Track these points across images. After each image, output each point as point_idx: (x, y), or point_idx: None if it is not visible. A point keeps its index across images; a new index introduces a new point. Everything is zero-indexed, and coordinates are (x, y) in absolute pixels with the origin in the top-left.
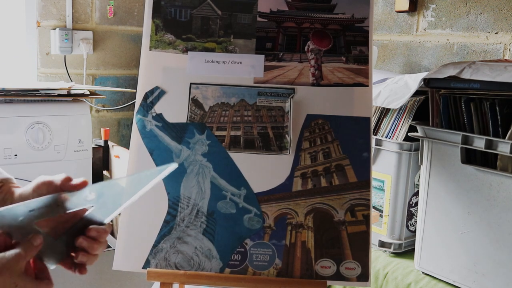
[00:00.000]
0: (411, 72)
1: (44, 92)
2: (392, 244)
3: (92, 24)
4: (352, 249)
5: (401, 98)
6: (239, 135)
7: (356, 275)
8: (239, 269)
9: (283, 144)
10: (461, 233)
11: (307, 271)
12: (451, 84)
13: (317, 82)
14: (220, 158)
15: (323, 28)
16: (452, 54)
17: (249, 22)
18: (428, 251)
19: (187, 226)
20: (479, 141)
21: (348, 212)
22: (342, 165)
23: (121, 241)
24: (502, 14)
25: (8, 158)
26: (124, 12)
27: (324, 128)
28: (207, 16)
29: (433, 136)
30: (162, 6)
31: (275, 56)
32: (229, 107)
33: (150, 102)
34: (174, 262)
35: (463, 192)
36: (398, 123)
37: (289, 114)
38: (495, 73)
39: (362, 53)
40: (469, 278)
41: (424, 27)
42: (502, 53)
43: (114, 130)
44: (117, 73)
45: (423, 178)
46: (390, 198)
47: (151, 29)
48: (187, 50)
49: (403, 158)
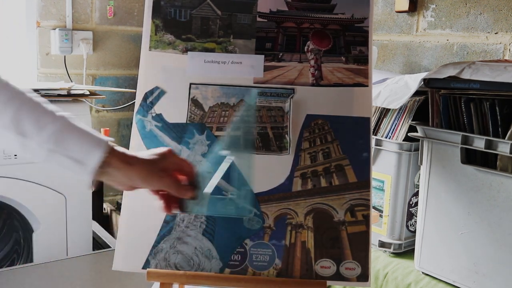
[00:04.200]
0: (411, 72)
1: (44, 92)
2: (392, 244)
3: (92, 24)
4: (352, 249)
5: (401, 98)
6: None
7: (356, 275)
8: (239, 269)
9: (283, 144)
10: (461, 233)
11: (307, 271)
12: (451, 84)
13: (317, 82)
14: (220, 158)
15: (323, 28)
16: (452, 54)
17: (249, 22)
18: (428, 251)
19: (186, 226)
20: (479, 141)
21: (348, 212)
22: (342, 165)
23: (121, 242)
24: (502, 14)
25: (8, 158)
26: (124, 12)
27: (324, 128)
28: (206, 16)
29: (433, 136)
30: (162, 6)
31: (275, 56)
32: (229, 107)
33: (150, 102)
34: (174, 263)
35: (463, 192)
36: (398, 123)
37: (288, 114)
38: (495, 73)
39: (362, 53)
40: (469, 278)
41: (424, 27)
42: (502, 53)
43: (114, 130)
44: (117, 73)
45: (423, 178)
46: (390, 198)
47: (151, 29)
48: (186, 50)
49: (403, 158)
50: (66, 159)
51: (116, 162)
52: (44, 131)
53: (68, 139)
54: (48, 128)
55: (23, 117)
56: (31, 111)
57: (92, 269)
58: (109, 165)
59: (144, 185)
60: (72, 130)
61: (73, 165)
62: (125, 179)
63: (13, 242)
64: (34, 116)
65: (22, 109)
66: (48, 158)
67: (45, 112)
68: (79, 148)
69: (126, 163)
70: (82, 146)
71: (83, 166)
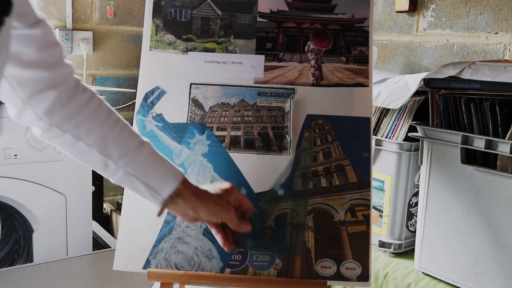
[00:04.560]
0: (411, 72)
1: None
2: (392, 244)
3: (92, 24)
4: (352, 249)
5: (401, 98)
6: (239, 135)
7: (357, 275)
8: (239, 269)
9: (283, 144)
10: (461, 233)
11: (307, 271)
12: (451, 84)
13: (317, 82)
14: (220, 158)
15: (323, 28)
16: (452, 54)
17: (249, 23)
18: (428, 251)
19: (187, 226)
20: (479, 141)
21: (349, 212)
22: (342, 165)
23: (121, 241)
24: (502, 14)
25: (8, 158)
26: (124, 12)
27: (324, 128)
28: (207, 16)
29: (433, 136)
30: (162, 6)
31: (275, 56)
32: (229, 107)
33: (150, 102)
34: (174, 262)
35: (463, 192)
36: (398, 123)
37: (289, 114)
38: (495, 73)
39: (362, 53)
40: (469, 278)
41: (424, 27)
42: (502, 53)
43: None
44: (117, 73)
45: (423, 178)
46: (390, 198)
47: (151, 29)
48: (187, 50)
49: (403, 158)
50: (141, 184)
51: (187, 194)
52: (127, 155)
53: (147, 166)
54: (131, 153)
55: (110, 138)
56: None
57: (92, 269)
58: (179, 196)
59: (209, 217)
60: (153, 158)
61: (147, 191)
62: (191, 211)
63: (13, 242)
64: (121, 139)
65: (112, 130)
66: (123, 179)
67: (131, 137)
68: (156, 177)
69: (196, 196)
70: (160, 175)
71: (156, 194)
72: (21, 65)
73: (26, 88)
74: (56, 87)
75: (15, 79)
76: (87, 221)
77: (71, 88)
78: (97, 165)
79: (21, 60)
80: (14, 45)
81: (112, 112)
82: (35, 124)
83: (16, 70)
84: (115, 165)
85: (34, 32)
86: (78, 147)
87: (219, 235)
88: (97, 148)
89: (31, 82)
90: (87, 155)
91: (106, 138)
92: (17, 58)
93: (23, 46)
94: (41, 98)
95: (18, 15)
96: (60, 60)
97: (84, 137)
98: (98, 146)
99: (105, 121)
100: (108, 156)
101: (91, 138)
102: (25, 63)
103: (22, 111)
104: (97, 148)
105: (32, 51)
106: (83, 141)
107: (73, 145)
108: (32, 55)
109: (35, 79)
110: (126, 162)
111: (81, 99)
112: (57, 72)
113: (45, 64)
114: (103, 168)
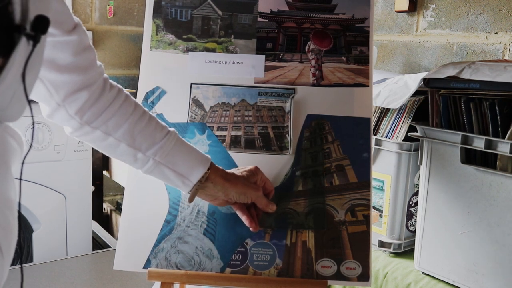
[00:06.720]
0: (411, 72)
1: None
2: (392, 244)
3: (91, 24)
4: (352, 249)
5: (401, 98)
6: (239, 135)
7: (357, 275)
8: (239, 269)
9: (284, 144)
10: (460, 233)
11: (307, 271)
12: (451, 84)
13: (317, 82)
14: (220, 158)
15: (323, 28)
16: (452, 54)
17: (249, 23)
18: (428, 251)
19: (187, 226)
20: (478, 141)
21: (349, 212)
22: (343, 165)
23: (121, 241)
24: (502, 14)
25: None
26: (124, 12)
27: (325, 128)
28: (207, 16)
29: (432, 136)
30: (163, 6)
31: (276, 56)
32: (230, 107)
33: (151, 102)
34: (174, 262)
35: (463, 192)
36: (398, 123)
37: (289, 114)
38: (495, 73)
39: (363, 53)
40: (469, 278)
41: (423, 27)
42: (502, 53)
43: None
44: (117, 73)
45: (423, 178)
46: (390, 198)
47: (152, 29)
48: (187, 50)
49: (402, 158)
50: (171, 172)
51: (216, 178)
52: (155, 145)
53: (175, 154)
54: (159, 143)
55: (137, 131)
56: (145, 126)
57: (92, 269)
58: (208, 180)
59: (239, 198)
60: (180, 146)
61: (177, 178)
62: (221, 193)
63: None
64: (148, 131)
65: (138, 123)
66: (153, 169)
67: (157, 128)
68: (185, 163)
69: (224, 179)
70: (188, 162)
71: (186, 180)
72: (57, 70)
73: (61, 91)
74: (88, 88)
75: (51, 82)
76: (87, 221)
77: (100, 87)
78: (127, 158)
79: (57, 64)
80: (50, 51)
81: (138, 106)
82: (66, 123)
83: (52, 74)
84: (144, 156)
85: (70, 39)
86: (108, 142)
87: (244, 216)
88: (126, 142)
89: (66, 85)
90: (117, 149)
91: (133, 131)
92: (53, 63)
93: (59, 51)
94: (74, 99)
95: (56, 23)
96: (93, 63)
97: (113, 132)
98: (126, 139)
99: (131, 115)
100: (137, 148)
101: (119, 132)
102: (61, 68)
103: (55, 111)
104: (125, 142)
105: (68, 56)
106: (112, 136)
107: (104, 141)
108: (67, 59)
109: (70, 82)
110: (155, 152)
111: (108, 96)
112: (90, 74)
113: (80, 68)
114: (133, 160)
